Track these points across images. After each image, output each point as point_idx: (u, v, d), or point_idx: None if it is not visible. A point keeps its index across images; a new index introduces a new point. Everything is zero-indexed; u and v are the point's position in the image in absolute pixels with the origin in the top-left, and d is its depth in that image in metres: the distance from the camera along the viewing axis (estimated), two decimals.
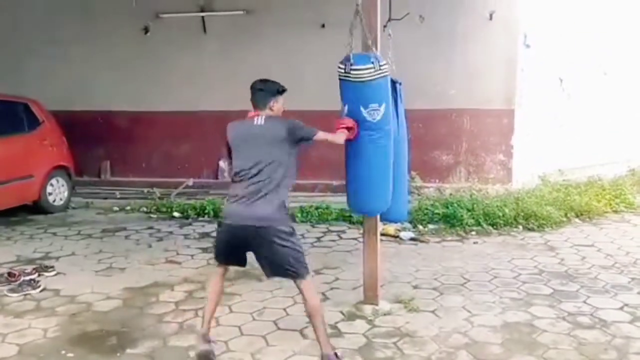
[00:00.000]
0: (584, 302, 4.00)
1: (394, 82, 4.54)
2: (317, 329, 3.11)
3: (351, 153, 3.65)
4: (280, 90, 3.24)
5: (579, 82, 7.81)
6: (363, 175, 3.62)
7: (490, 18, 6.92)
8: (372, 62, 3.46)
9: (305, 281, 3.10)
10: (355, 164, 3.63)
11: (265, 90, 3.20)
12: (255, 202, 3.01)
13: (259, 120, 3.14)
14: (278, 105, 3.23)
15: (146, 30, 7.96)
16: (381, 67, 3.48)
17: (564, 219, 6.05)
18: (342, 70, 3.51)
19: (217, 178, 8.07)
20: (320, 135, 3.23)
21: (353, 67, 3.44)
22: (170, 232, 6.12)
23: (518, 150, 7.19)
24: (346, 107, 3.55)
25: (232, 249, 3.15)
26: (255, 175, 3.03)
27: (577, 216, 6.23)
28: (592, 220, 6.20)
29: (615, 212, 6.47)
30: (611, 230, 5.84)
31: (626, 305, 3.92)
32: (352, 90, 3.52)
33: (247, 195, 3.03)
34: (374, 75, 3.45)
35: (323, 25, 7.37)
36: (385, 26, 4.46)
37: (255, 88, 3.22)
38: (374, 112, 3.48)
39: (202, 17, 7.82)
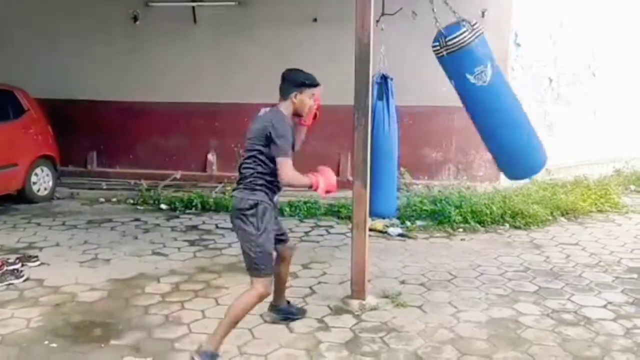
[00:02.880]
0: (569, 299, 4.04)
1: (385, 77, 4.54)
2: (221, 325, 3.04)
3: (487, 129, 3.65)
4: (306, 84, 3.12)
5: (568, 83, 7.87)
6: (510, 140, 3.62)
7: (482, 16, 6.92)
8: (464, 26, 3.45)
9: (254, 280, 3.06)
10: (499, 133, 3.62)
11: (287, 80, 3.15)
12: (234, 191, 3.17)
13: (263, 110, 3.17)
14: (301, 97, 3.13)
15: (135, 18, 7.86)
16: (473, 27, 3.44)
17: (550, 218, 6.11)
18: (438, 47, 3.48)
19: (205, 171, 8.01)
20: (283, 163, 2.98)
21: (447, 38, 3.42)
22: (157, 225, 6.07)
23: None
24: (453, 83, 3.52)
25: None
26: (242, 164, 3.14)
27: (563, 215, 6.29)
28: (577, 219, 6.27)
29: (601, 211, 6.54)
30: (596, 229, 5.91)
31: (610, 303, 3.97)
32: (451, 62, 3.47)
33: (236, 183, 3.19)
34: (470, 38, 3.41)
35: (315, 19, 7.33)
36: (377, 21, 4.44)
37: (282, 76, 3.17)
38: (482, 74, 3.41)
39: (193, 6, 7.73)
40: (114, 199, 7.11)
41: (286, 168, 2.98)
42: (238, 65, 7.61)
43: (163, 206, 6.77)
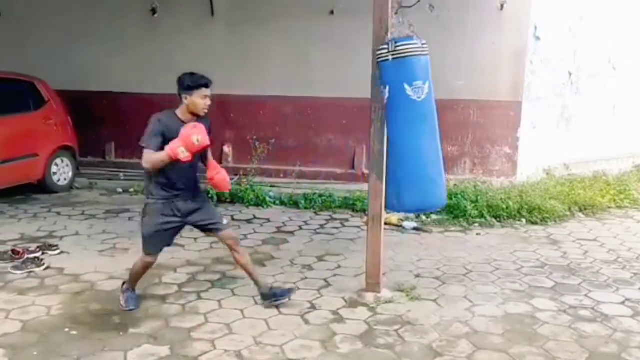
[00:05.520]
0: (586, 295, 4.01)
1: None
2: (132, 270, 3.75)
3: (397, 141, 3.56)
4: (192, 87, 3.42)
5: (588, 77, 7.75)
6: (424, 164, 3.54)
7: (501, 8, 6.84)
8: (417, 40, 3.50)
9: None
10: (418, 149, 3.54)
11: (177, 84, 3.44)
12: None
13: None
14: (191, 99, 3.45)
15: (154, 11, 7.91)
16: (424, 45, 3.49)
17: (568, 213, 6.04)
18: (385, 51, 3.50)
19: (220, 163, 8.05)
20: (145, 153, 3.41)
21: (397, 44, 3.46)
22: None
23: (524, 143, 7.14)
24: (387, 89, 3.50)
25: None
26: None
27: (580, 211, 6.21)
28: (595, 215, 6.19)
29: (619, 207, 6.45)
30: (614, 225, 5.83)
31: (628, 300, 3.93)
32: (394, 69, 3.48)
33: None
34: (419, 52, 3.45)
35: (332, 12, 7.31)
36: (395, 13, 4.41)
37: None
38: (419, 90, 3.45)
39: None
40: (132, 190, 7.19)
41: (144, 157, 3.40)
42: (255, 57, 7.61)
43: None
